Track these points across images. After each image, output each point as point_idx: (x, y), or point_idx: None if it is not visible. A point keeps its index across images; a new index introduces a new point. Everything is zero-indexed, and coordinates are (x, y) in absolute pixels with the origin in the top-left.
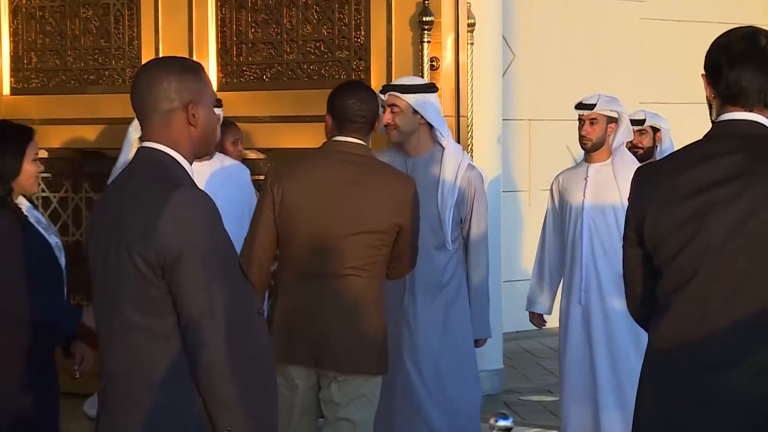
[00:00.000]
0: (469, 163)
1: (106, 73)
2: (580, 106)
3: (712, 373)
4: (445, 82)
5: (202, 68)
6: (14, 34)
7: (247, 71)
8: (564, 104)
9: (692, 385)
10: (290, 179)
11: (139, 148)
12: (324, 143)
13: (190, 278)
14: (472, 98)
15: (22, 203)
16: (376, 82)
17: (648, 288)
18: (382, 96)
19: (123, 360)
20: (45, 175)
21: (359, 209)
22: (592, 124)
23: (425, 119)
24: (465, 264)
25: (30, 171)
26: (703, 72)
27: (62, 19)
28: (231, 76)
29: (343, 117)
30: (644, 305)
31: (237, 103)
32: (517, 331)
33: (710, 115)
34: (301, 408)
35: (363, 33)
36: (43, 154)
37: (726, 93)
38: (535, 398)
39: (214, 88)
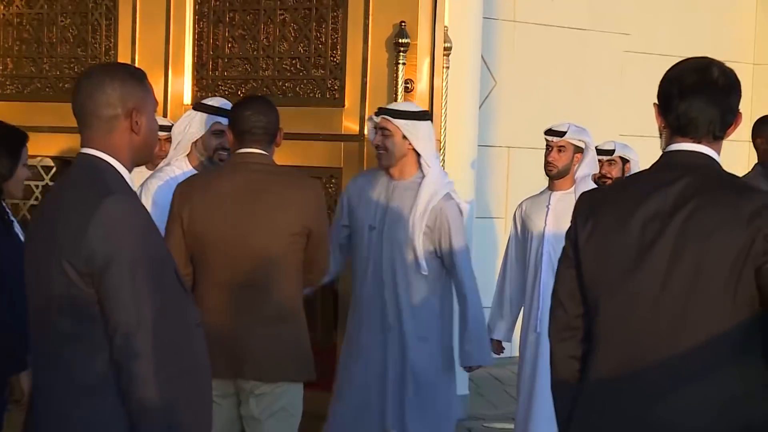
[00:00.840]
0: (448, 193)
1: None
2: (549, 132)
3: (650, 403)
4: (419, 103)
5: (145, 75)
6: None
7: (222, 86)
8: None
9: (631, 415)
10: (196, 196)
11: (78, 154)
12: (228, 158)
13: (119, 286)
14: (446, 122)
15: None
16: (350, 102)
17: (575, 312)
18: (375, 118)
19: (51, 370)
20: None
21: (268, 217)
22: (560, 151)
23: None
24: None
25: (21, 175)
26: (656, 101)
27: (40, 26)
28: (206, 90)
29: (242, 129)
30: (567, 328)
31: None
32: None
33: (660, 144)
34: (220, 423)
35: (339, 52)
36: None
37: (676, 124)
38: (498, 425)
39: (188, 101)
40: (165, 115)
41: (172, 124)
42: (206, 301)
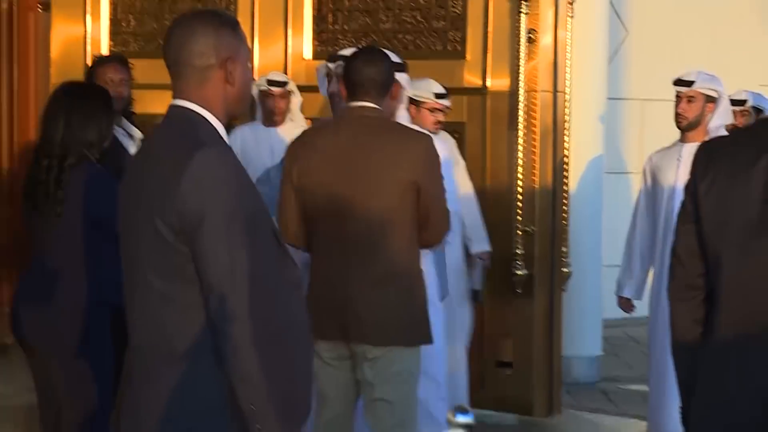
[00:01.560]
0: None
1: None
2: (678, 82)
3: None
4: (542, 55)
5: (239, 24)
6: None
7: (342, 39)
8: None
9: (758, 378)
10: (304, 152)
11: (169, 106)
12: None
13: (213, 243)
14: (571, 74)
15: None
16: (471, 53)
17: (696, 271)
18: (331, 65)
19: (145, 331)
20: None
21: (374, 172)
22: (689, 101)
23: None
24: None
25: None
26: None
27: None
28: (326, 44)
29: (353, 81)
30: (688, 288)
31: None
32: (624, 318)
33: None
34: (335, 386)
35: (460, 2)
36: None
37: None
38: (634, 387)
39: (309, 55)
40: (285, 71)
41: (287, 81)
42: (318, 261)
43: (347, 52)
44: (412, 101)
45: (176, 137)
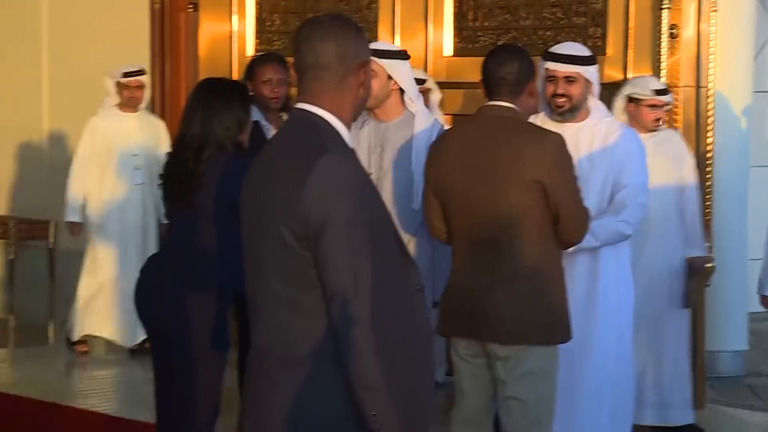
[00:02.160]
0: (441, 127)
1: None
2: None
3: None
4: (684, 50)
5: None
6: None
7: (482, 36)
8: None
9: None
10: (439, 152)
11: (293, 109)
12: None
13: (335, 250)
14: (715, 68)
15: None
16: (612, 49)
17: None
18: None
19: (267, 335)
20: None
21: (499, 172)
22: None
23: (398, 84)
24: None
25: (250, 126)
26: None
27: None
28: (466, 41)
29: (487, 80)
30: None
31: (471, 68)
32: None
33: None
34: (472, 382)
35: None
36: None
37: None
38: None
39: (450, 52)
40: (425, 67)
41: (426, 78)
42: (454, 259)
43: (377, 45)
44: (631, 99)
45: (300, 142)
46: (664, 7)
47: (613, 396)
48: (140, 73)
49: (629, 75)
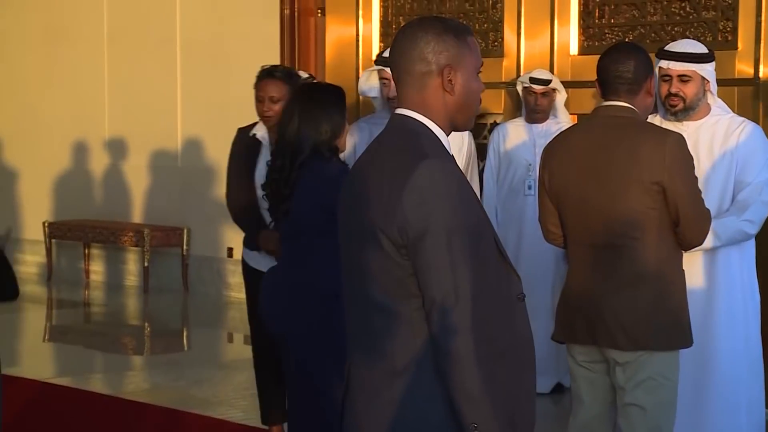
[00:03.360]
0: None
1: None
2: None
3: None
4: None
5: (469, 32)
6: (384, 0)
7: (609, 34)
8: None
9: None
10: (554, 154)
11: (392, 115)
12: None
13: (435, 258)
14: None
15: None
16: (743, 44)
17: None
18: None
19: (365, 344)
20: None
21: (616, 174)
22: None
23: None
24: None
25: (347, 130)
26: None
27: None
28: (592, 39)
29: (602, 79)
30: None
31: None
32: None
33: None
34: (590, 388)
35: None
36: None
37: None
38: None
39: (575, 50)
40: (551, 67)
41: (550, 79)
42: (571, 263)
43: (671, 46)
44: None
45: (399, 147)
46: None
47: (749, 402)
48: None
49: (761, 70)
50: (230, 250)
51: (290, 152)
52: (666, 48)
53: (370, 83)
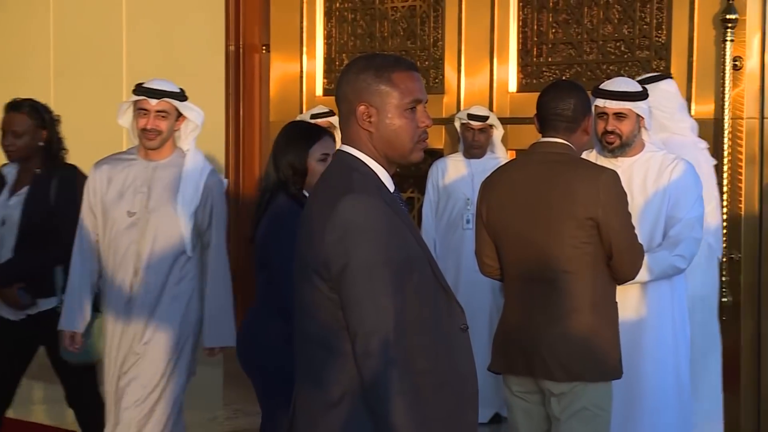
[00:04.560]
0: (212, 169)
1: None
2: None
3: None
4: (748, 82)
5: (400, 68)
6: (328, 37)
7: (546, 72)
8: None
9: None
10: (492, 189)
11: (336, 151)
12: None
13: (356, 292)
14: None
15: None
16: (677, 82)
17: None
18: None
19: (304, 374)
20: None
21: (551, 209)
22: None
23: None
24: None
25: (316, 170)
26: None
27: (372, 21)
28: (531, 77)
29: (542, 117)
30: None
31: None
32: None
33: None
34: (526, 419)
35: (664, 32)
36: None
37: None
38: None
39: (514, 88)
40: (490, 103)
41: (488, 116)
42: (507, 295)
43: (161, 85)
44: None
45: (331, 183)
46: (727, 39)
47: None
48: (330, 114)
49: (693, 107)
50: None
51: (262, 189)
52: (602, 86)
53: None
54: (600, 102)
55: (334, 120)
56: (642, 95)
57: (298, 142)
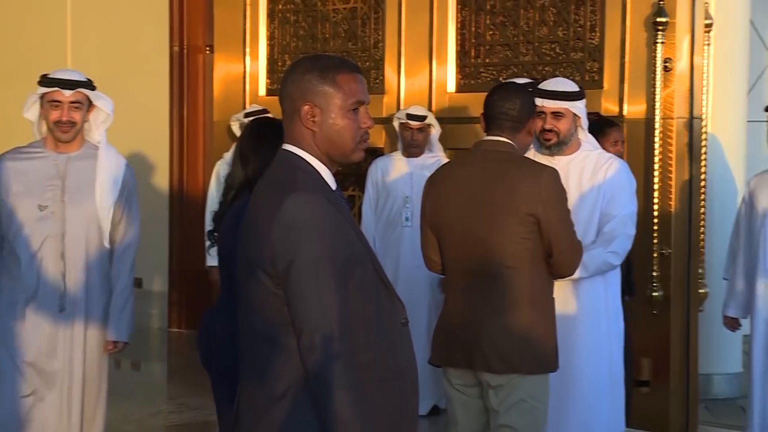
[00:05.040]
0: (127, 163)
1: None
2: None
3: None
4: (678, 83)
5: (344, 70)
6: (270, 38)
7: (484, 72)
8: None
9: None
10: (437, 186)
11: (278, 150)
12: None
13: (302, 288)
14: (708, 99)
15: None
16: (609, 83)
17: None
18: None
19: (250, 369)
20: None
21: (494, 205)
22: None
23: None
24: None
25: None
26: None
27: (314, 23)
28: (469, 78)
29: (488, 116)
30: None
31: (474, 104)
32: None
33: None
34: (465, 412)
35: (598, 34)
36: None
37: None
38: None
39: (452, 89)
40: (429, 103)
41: (426, 115)
42: (449, 289)
43: (545, 84)
44: None
45: (275, 182)
46: (658, 41)
47: (608, 420)
48: (264, 111)
49: (625, 107)
50: None
51: (226, 188)
52: (540, 86)
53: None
54: (539, 101)
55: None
56: (579, 95)
57: (268, 140)
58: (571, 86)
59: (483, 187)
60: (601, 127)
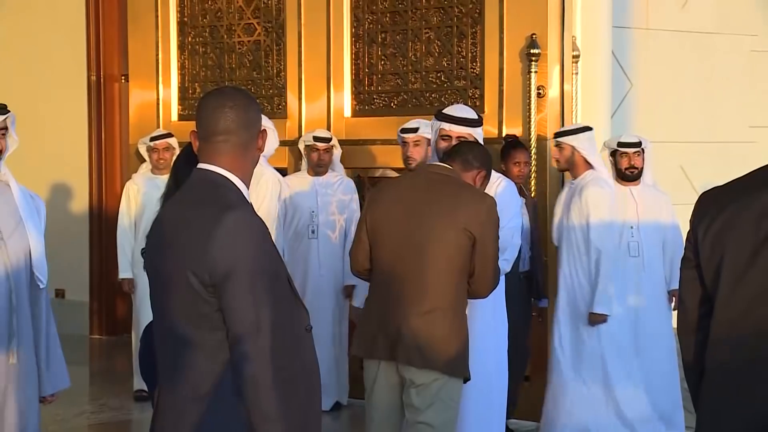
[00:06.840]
0: (34, 193)
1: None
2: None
3: None
4: (550, 108)
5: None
6: (181, 68)
7: (377, 99)
8: (678, 128)
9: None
10: (380, 198)
11: (195, 169)
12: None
13: (239, 297)
14: (576, 123)
15: None
16: (489, 108)
17: (701, 312)
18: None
19: (173, 372)
20: None
21: (434, 218)
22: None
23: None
24: None
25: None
26: None
27: (222, 54)
28: (363, 104)
29: (452, 152)
30: (698, 330)
31: (368, 127)
32: None
33: None
34: (381, 405)
35: (478, 64)
36: None
37: None
38: None
39: (348, 113)
40: (328, 127)
41: (331, 137)
42: (375, 290)
43: (450, 111)
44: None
45: (200, 197)
46: (532, 71)
47: (499, 408)
48: (168, 135)
49: (504, 130)
50: None
51: (162, 203)
52: (446, 112)
53: None
54: (446, 126)
55: (172, 141)
56: (479, 122)
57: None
58: (472, 113)
59: (426, 200)
60: (506, 149)
